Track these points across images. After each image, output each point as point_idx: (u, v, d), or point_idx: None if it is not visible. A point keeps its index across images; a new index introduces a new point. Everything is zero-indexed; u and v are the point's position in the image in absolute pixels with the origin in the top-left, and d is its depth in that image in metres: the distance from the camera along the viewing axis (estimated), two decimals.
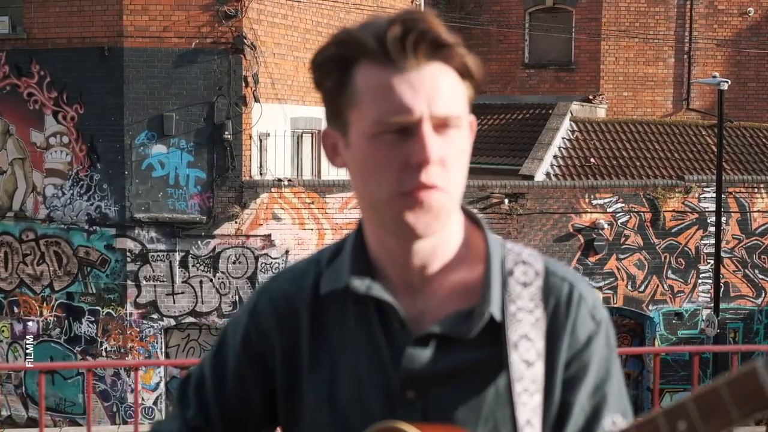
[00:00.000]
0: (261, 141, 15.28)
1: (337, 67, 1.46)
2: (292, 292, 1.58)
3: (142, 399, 15.02)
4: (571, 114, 19.74)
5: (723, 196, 16.17)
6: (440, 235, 1.49)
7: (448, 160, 1.44)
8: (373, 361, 1.51)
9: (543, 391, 1.47)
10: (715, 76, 16.48)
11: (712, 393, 1.23)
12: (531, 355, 1.47)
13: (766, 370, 1.20)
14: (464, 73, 1.46)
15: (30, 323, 15.50)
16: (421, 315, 1.51)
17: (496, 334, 1.48)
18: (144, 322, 14.92)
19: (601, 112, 21.21)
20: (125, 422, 14.56)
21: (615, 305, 16.19)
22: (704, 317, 16.31)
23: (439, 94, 1.43)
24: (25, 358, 15.03)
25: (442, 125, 1.43)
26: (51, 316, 15.41)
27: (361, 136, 1.45)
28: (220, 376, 1.63)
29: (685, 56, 22.15)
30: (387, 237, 1.50)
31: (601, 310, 1.53)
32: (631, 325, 16.71)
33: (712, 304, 16.05)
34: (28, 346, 14.00)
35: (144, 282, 14.93)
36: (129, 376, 14.96)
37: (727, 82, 16.16)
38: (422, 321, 1.51)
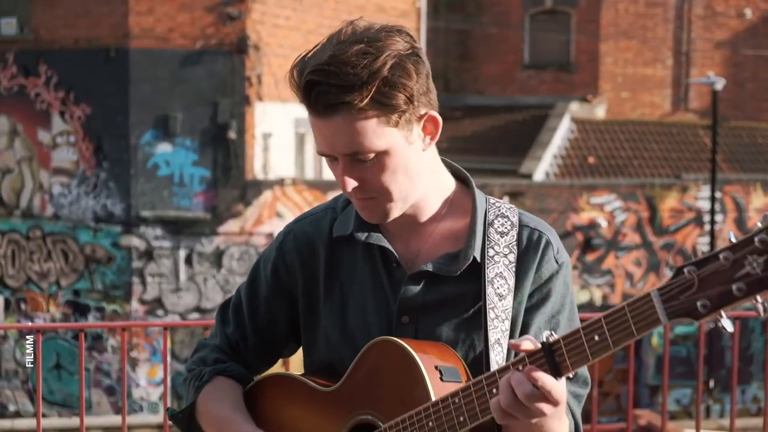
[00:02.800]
0: (264, 140, 15.48)
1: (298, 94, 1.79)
2: (312, 233, 1.93)
3: (147, 394, 15.24)
4: (571, 114, 19.96)
5: (719, 194, 16.39)
6: (425, 197, 1.84)
7: (370, 179, 1.76)
8: (376, 292, 1.87)
9: (511, 320, 1.80)
10: (709, 76, 16.70)
11: (618, 312, 1.56)
12: (503, 290, 1.80)
13: (660, 296, 1.53)
14: (378, 107, 1.71)
15: (37, 320, 15.70)
16: (417, 256, 1.87)
17: (476, 272, 1.81)
18: (149, 318, 15.12)
19: (600, 113, 21.41)
20: (128, 425, 14.78)
21: (613, 302, 16.40)
22: None
23: (341, 141, 1.73)
24: (29, 355, 15.28)
25: (355, 158, 1.75)
26: (58, 312, 15.61)
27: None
28: (253, 301, 1.98)
29: (683, 57, 22.35)
30: None
31: (563, 254, 1.86)
32: None
33: None
34: (28, 345, 14.09)
35: (149, 279, 15.14)
36: (134, 371, 15.20)
37: (722, 81, 16.39)
38: (417, 260, 1.86)
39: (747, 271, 1.48)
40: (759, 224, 1.50)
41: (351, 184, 1.76)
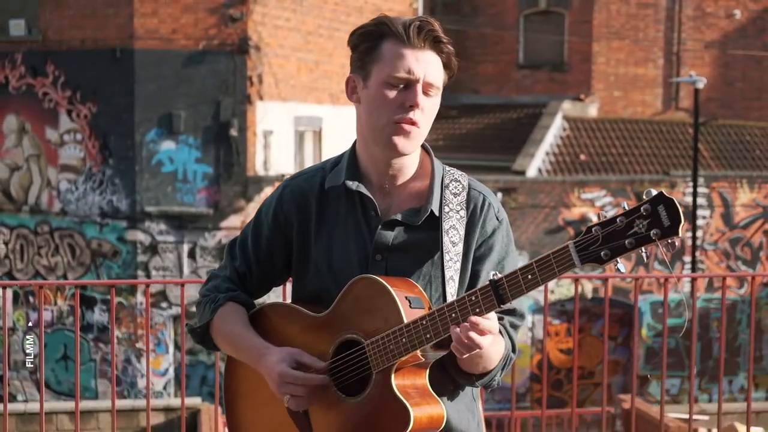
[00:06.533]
0: (265, 138, 15.75)
1: (373, 37, 2.30)
2: (305, 187, 2.44)
3: (152, 383, 15.59)
4: (563, 113, 20.30)
5: (707, 190, 16.80)
6: (409, 158, 2.37)
7: (425, 110, 2.30)
8: (356, 235, 2.38)
9: (461, 261, 2.33)
10: (691, 75, 17.15)
11: (545, 258, 2.11)
12: (456, 239, 2.33)
13: (575, 247, 2.08)
14: (446, 64, 2.32)
15: (45, 312, 15.99)
16: (389, 208, 2.38)
17: (435, 224, 2.35)
18: (153, 310, 15.32)
19: (592, 111, 21.72)
20: (134, 408, 15.08)
21: (603, 295, 16.77)
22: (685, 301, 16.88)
23: (430, 68, 2.28)
24: (29, 356, 15.66)
25: (427, 89, 2.29)
26: (65, 305, 15.93)
27: (378, 82, 2.29)
28: (257, 240, 2.50)
29: (674, 57, 22.70)
30: (376, 150, 2.35)
31: (502, 213, 2.42)
32: (619, 314, 17.22)
33: (697, 294, 16.65)
34: (27, 342, 14.28)
35: (154, 272, 15.40)
36: (140, 362, 15.55)
37: (704, 80, 16.83)
38: (389, 212, 2.38)
39: (635, 231, 2.03)
40: (644, 196, 2.06)
41: (419, 104, 2.26)
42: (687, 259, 17.05)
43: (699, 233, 16.94)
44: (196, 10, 15.28)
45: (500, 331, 2.30)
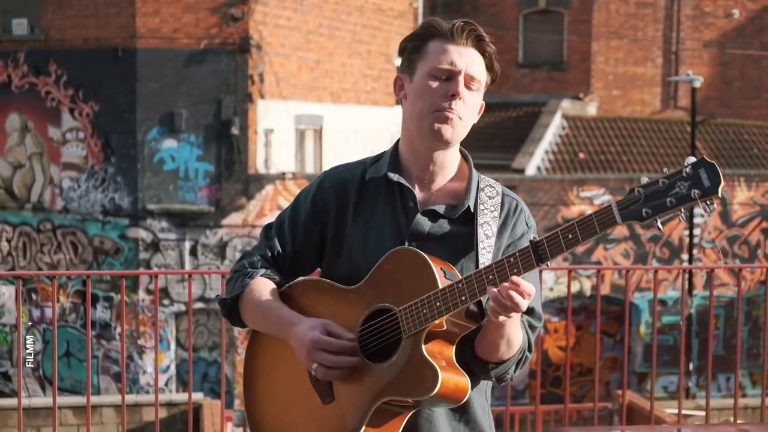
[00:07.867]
0: (266, 136, 15.84)
1: (420, 37, 2.48)
2: (346, 177, 2.57)
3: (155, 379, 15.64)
4: (562, 111, 20.41)
5: None
6: (449, 156, 2.51)
7: (467, 101, 2.44)
8: (393, 222, 2.49)
9: (492, 255, 2.44)
10: (689, 74, 17.26)
11: (587, 218, 2.22)
12: (489, 233, 2.46)
13: (617, 206, 2.18)
14: (489, 66, 2.48)
15: (47, 309, 16.08)
16: (426, 202, 2.51)
17: (470, 219, 2.48)
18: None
19: (591, 110, 21.83)
20: (137, 403, 15.18)
21: (602, 293, 16.89)
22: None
23: (472, 63, 2.44)
24: (29, 355, 15.76)
25: (469, 82, 2.43)
26: (67, 302, 16.02)
27: (423, 74, 2.44)
28: (294, 223, 2.59)
29: (673, 56, 22.82)
30: (420, 145, 2.49)
31: (532, 220, 2.56)
32: (617, 311, 17.29)
33: (694, 291, 16.77)
34: (29, 341, 14.30)
35: (155, 269, 15.36)
36: (141, 359, 15.65)
37: (701, 79, 16.94)
38: (426, 205, 2.50)
39: (677, 191, 2.14)
40: (686, 162, 2.15)
41: (460, 94, 2.40)
42: (685, 257, 17.13)
43: (697, 231, 17.04)
44: (197, 9, 15.39)
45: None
